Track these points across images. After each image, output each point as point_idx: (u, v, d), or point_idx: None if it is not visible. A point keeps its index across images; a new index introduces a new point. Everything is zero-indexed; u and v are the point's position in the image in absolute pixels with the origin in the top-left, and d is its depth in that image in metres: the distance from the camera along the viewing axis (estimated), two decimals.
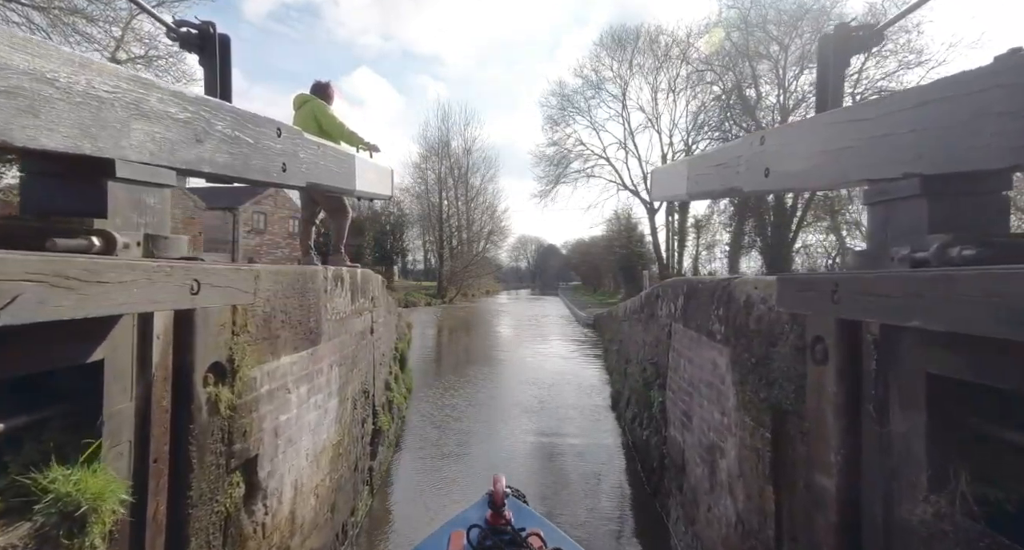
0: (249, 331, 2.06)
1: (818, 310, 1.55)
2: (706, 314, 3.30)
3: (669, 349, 4.55)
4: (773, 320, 2.28)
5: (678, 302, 4.27)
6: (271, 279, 2.26)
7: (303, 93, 4.32)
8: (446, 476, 5.22)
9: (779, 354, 2.19)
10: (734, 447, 2.72)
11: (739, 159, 2.68)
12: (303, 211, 4.59)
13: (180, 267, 1.30)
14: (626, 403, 6.98)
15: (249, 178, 2.16)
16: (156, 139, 1.52)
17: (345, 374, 3.46)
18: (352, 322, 3.66)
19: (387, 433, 5.06)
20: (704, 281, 3.51)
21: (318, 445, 2.88)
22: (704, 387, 3.35)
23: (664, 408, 4.56)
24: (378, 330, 4.94)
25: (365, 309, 4.15)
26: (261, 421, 2.17)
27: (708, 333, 3.23)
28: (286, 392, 2.44)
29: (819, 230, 24.75)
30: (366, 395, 4.16)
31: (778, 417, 2.21)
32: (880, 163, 1.60)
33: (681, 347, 4.08)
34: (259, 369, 2.16)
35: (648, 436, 5.09)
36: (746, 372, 2.55)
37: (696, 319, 3.58)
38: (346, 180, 3.34)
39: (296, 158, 2.55)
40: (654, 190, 4.44)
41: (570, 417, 7.67)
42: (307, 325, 2.72)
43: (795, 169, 2.13)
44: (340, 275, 3.32)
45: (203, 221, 23.57)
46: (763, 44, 19.66)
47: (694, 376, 3.61)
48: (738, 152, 2.70)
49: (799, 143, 2.09)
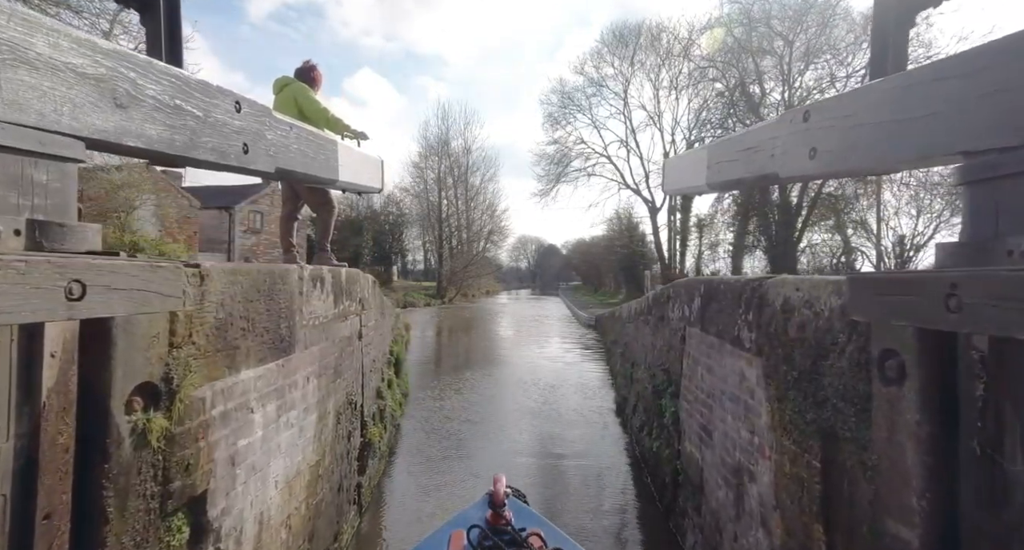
0: (195, 343, 1.70)
1: (923, 320, 1.19)
2: (730, 318, 2.94)
3: (683, 355, 4.19)
4: (822, 328, 1.92)
5: (694, 304, 3.91)
6: (225, 280, 1.90)
7: (284, 76, 3.96)
8: (442, 489, 4.86)
9: (831, 369, 1.83)
10: (768, 472, 2.37)
11: (774, 141, 2.32)
12: (284, 206, 4.22)
13: (46, 263, 0.94)
14: (632, 409, 6.62)
15: (198, 158, 1.80)
16: (48, 97, 1.16)
17: (326, 386, 3.10)
18: (335, 327, 3.31)
19: (378, 445, 4.70)
20: (727, 281, 3.16)
21: (291, 470, 2.52)
22: (727, 400, 2.99)
23: (678, 419, 4.20)
24: (368, 335, 4.58)
25: (351, 312, 3.79)
26: (212, 450, 1.81)
27: (733, 340, 2.87)
28: (248, 412, 2.08)
29: (824, 229, 24.39)
30: (353, 406, 3.80)
31: (830, 444, 1.85)
32: (985, 129, 1.25)
33: (698, 353, 3.72)
34: (210, 387, 1.80)
35: (659, 448, 4.74)
36: (785, 387, 2.19)
37: (717, 323, 3.23)
38: (326, 168, 2.98)
39: (261, 139, 2.19)
40: (667, 182, 4.06)
41: (573, 422, 7.31)
42: (277, 332, 2.36)
43: (853, 146, 1.77)
44: (320, 275, 2.96)
45: (199, 221, 23.23)
46: (766, 39, 19.29)
47: (714, 387, 3.26)
48: (772, 133, 2.34)
49: (859, 115, 1.73)
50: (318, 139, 2.88)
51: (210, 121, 1.83)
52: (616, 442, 6.48)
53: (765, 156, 2.40)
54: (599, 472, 5.50)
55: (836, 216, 23.78)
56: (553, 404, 8.28)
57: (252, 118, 2.11)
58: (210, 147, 1.83)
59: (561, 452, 6.06)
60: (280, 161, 2.39)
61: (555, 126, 31.03)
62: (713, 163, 3.10)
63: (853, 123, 1.80)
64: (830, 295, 1.88)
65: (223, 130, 1.91)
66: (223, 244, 24.75)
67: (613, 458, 5.91)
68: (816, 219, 21.18)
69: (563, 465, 5.68)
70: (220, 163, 1.97)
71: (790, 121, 2.18)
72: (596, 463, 5.69)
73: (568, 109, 30.15)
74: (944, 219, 22.11)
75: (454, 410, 7.84)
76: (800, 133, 2.07)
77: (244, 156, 2.08)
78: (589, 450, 6.14)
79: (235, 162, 2.02)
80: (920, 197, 18.80)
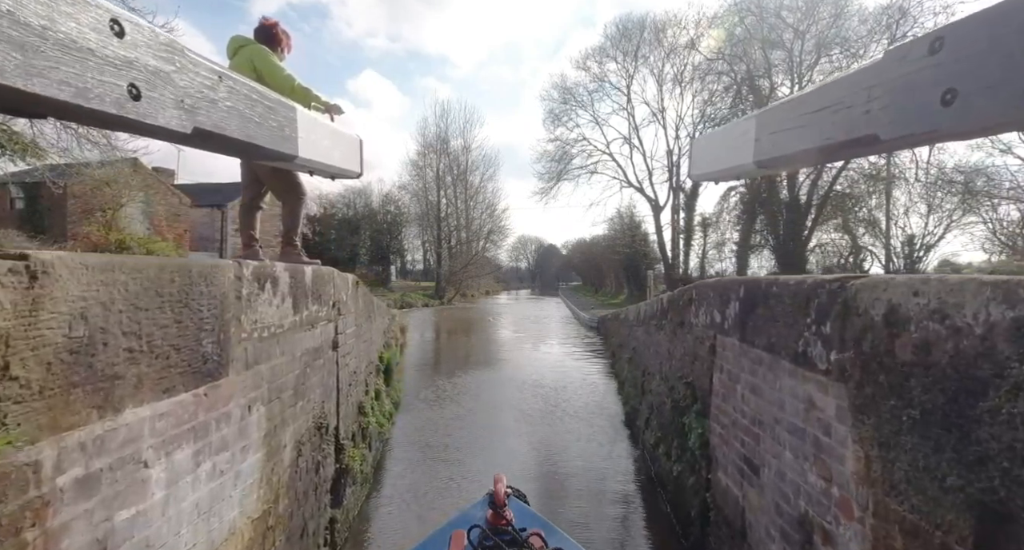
0: (19, 378, 1.08)
1: None
2: (790, 329, 2.33)
3: (713, 368, 3.58)
4: (969, 351, 1.31)
5: (728, 310, 3.29)
6: (88, 279, 1.28)
7: (239, 35, 3.32)
8: (434, 509, 4.23)
9: (995, 415, 1.22)
10: (861, 540, 1.75)
11: (870, 91, 1.70)
12: (243, 192, 3.59)
13: None
14: (645, 423, 6.01)
15: (39, 94, 1.18)
16: None
17: (280, 413, 2.48)
18: (295, 338, 2.69)
19: (359, 469, 4.08)
20: (781, 282, 2.54)
21: (219, 533, 1.90)
22: (785, 432, 2.37)
23: (706, 443, 3.59)
24: (346, 343, 3.97)
25: (321, 319, 3.18)
26: (58, 538, 1.19)
27: (795, 357, 2.26)
28: (138, 467, 1.47)
29: (832, 228, 23.72)
30: (323, 431, 3.19)
31: (992, 525, 1.24)
32: None
33: (735, 369, 3.11)
34: (55, 443, 1.18)
35: (681, 473, 4.12)
36: (894, 429, 1.58)
37: (766, 334, 2.61)
38: (280, 139, 2.36)
39: (167, 83, 1.56)
40: (696, 166, 3.40)
41: (578, 433, 6.70)
42: (196, 351, 1.75)
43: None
44: (269, 274, 2.34)
45: (191, 219, 22.63)
46: (776, 31, 18.65)
47: (763, 412, 2.64)
48: (867, 80, 1.72)
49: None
50: (266, 99, 2.25)
51: (59, 42, 1.21)
52: (627, 457, 5.87)
53: (855, 114, 1.78)
54: (611, 494, 4.88)
55: (843, 215, 23.13)
56: (558, 413, 7.66)
57: (148, 51, 1.49)
58: (59, 80, 1.21)
59: (568, 470, 5.43)
60: (202, 119, 1.76)
61: (556, 123, 30.44)
62: (764, 135, 2.48)
63: None
64: (987, 303, 1.27)
65: (87, 61, 1.29)
66: (216, 243, 24.19)
67: (624, 477, 5.30)
68: (827, 216, 20.53)
69: (571, 484, 5.07)
70: (88, 109, 1.34)
71: (902, 58, 1.56)
72: (607, 486, 5.07)
73: (569, 105, 29.57)
74: (956, 219, 21.48)
75: (449, 420, 7.22)
76: (924, 71, 1.46)
77: (135, 103, 1.45)
78: (598, 466, 5.53)
79: (115, 110, 1.39)
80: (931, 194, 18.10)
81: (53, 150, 11.13)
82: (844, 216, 22.86)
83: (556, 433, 6.74)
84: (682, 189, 27.16)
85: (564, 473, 5.37)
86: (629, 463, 5.71)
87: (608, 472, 5.42)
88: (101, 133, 11.53)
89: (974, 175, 18.36)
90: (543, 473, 5.42)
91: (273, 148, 2.34)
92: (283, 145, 2.39)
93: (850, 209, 22.31)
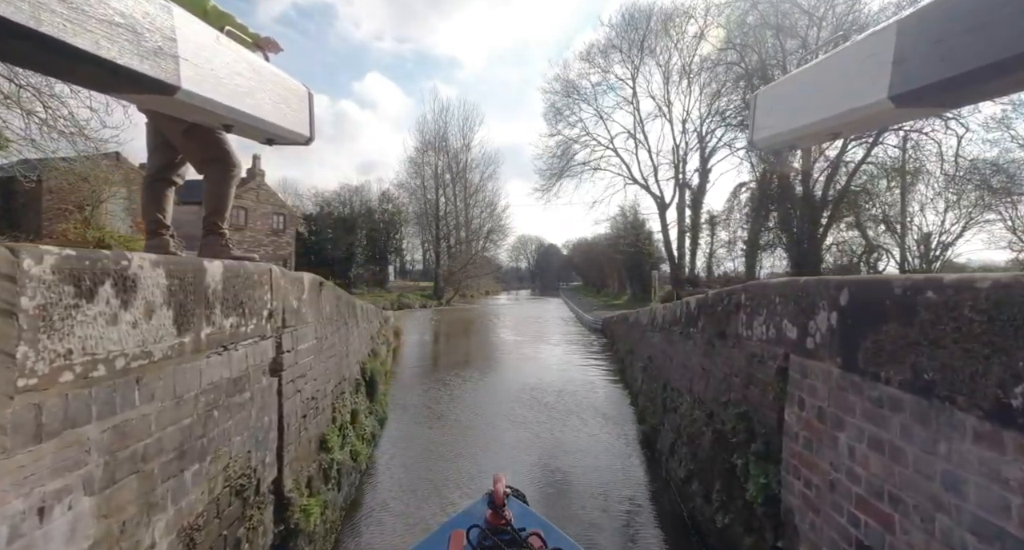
0: None
1: None
2: (967, 363, 1.41)
3: (786, 400, 2.65)
4: None
5: (813, 322, 2.37)
6: None
7: None
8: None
9: None
10: None
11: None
12: (149, 159, 2.65)
13: None
14: (670, 449, 5.08)
15: None
16: None
17: (140, 497, 1.56)
18: (181, 371, 1.77)
19: (315, 525, 3.16)
20: (938, 283, 1.60)
21: None
22: (965, 531, 1.45)
23: (783, 504, 2.66)
24: (299, 363, 3.05)
25: (248, 336, 2.25)
26: None
27: (992, 411, 1.34)
28: None
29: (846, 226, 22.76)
30: (245, 495, 2.26)
31: None
32: None
33: (833, 407, 2.18)
34: None
35: (729, 527, 3.20)
36: None
37: (909, 366, 1.68)
38: (134, 53, 1.43)
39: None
40: (764, 126, 2.42)
41: (590, 452, 5.79)
42: None
43: None
44: (108, 271, 1.42)
45: (178, 217, 21.71)
46: (790, 17, 17.71)
47: (904, 485, 1.72)
48: None
49: None
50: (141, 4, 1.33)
51: None
52: (646, 486, 4.95)
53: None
54: (637, 537, 3.97)
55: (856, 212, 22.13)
56: (564, 427, 6.73)
57: None
58: None
59: (574, 500, 4.51)
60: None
61: (558, 117, 29.49)
62: (913, 51, 1.56)
63: None
64: None
65: None
66: None
67: (645, 515, 4.38)
68: (844, 212, 19.57)
69: (578, 526, 4.14)
70: None
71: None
72: (630, 523, 4.14)
73: (572, 98, 28.63)
74: (975, 217, 20.50)
75: (444, 442, 6.29)
76: None
77: None
78: (613, 495, 4.60)
79: None
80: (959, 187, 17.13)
81: (20, 141, 10.24)
82: (857, 214, 21.90)
83: (562, 456, 5.81)
84: (689, 186, 26.24)
85: (569, 507, 4.45)
86: (647, 492, 4.80)
87: (626, 502, 4.50)
88: (73, 124, 10.63)
89: (992, 172, 17.48)
90: (544, 508, 4.49)
91: (125, 64, 1.40)
92: (146, 65, 1.47)
93: (863, 207, 21.34)
